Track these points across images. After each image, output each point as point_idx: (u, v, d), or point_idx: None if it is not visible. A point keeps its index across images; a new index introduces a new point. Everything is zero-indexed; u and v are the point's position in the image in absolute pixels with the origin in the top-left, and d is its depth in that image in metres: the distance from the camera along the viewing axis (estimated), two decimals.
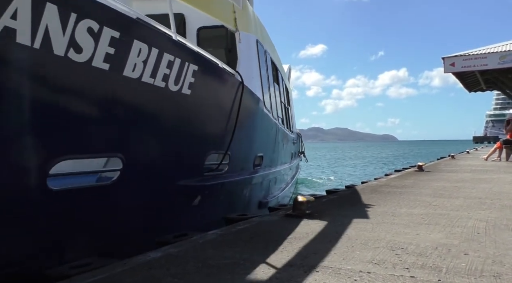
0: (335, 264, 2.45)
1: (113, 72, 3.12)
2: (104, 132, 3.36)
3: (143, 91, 3.51)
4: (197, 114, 4.49)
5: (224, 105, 5.05)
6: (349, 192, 6.15)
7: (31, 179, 2.88)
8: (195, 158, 4.70)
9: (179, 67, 3.79)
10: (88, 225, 3.42)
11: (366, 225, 3.58)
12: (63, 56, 2.76)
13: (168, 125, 4.04)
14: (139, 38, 3.27)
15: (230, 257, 2.63)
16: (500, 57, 11.62)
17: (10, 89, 2.59)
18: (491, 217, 3.89)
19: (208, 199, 5.05)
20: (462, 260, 2.50)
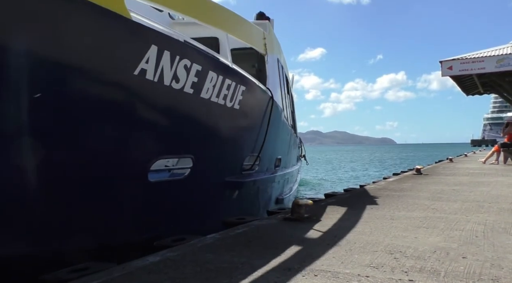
0: (333, 268, 2.45)
1: (195, 95, 4.16)
2: (185, 139, 4.44)
3: (211, 107, 4.53)
4: (242, 124, 5.62)
5: (259, 116, 6.15)
6: (348, 195, 6.15)
7: (143, 173, 3.96)
8: (238, 159, 5.79)
9: (233, 88, 4.84)
10: (171, 207, 4.47)
11: (365, 229, 3.58)
12: (168, 85, 3.75)
13: (224, 133, 5.15)
14: (212, 69, 4.28)
15: (228, 261, 2.62)
16: (497, 60, 11.67)
17: (142, 110, 3.74)
18: (489, 220, 3.89)
19: (243, 193, 6.06)
20: (460, 263, 2.50)
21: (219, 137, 5.08)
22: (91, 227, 3.58)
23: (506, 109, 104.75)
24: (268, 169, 7.47)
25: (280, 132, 7.94)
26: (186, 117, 4.32)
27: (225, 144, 5.28)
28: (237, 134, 5.66)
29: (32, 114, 2.91)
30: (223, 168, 5.44)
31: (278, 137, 7.88)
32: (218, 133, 5.05)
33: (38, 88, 2.87)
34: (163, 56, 3.59)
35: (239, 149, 5.82)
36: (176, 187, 4.52)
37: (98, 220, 3.61)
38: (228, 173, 5.57)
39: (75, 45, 2.99)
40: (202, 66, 4.10)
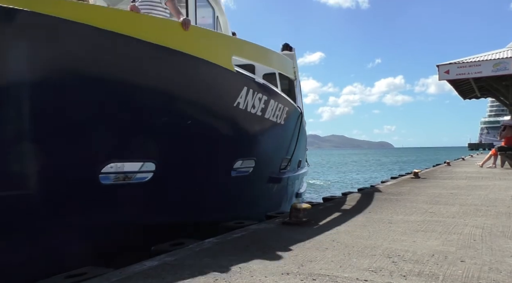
0: (332, 272, 2.44)
1: (262, 116, 5.82)
2: (252, 146, 6.06)
3: (269, 124, 6.23)
4: (283, 135, 7.35)
5: (293, 127, 7.85)
6: (346, 199, 6.15)
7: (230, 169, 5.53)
8: (279, 161, 7.47)
9: (282, 109, 6.55)
10: (241, 194, 6.03)
11: (363, 233, 3.58)
12: (249, 111, 5.38)
13: (273, 141, 6.96)
14: (272, 97, 6.00)
15: (226, 266, 2.61)
16: (493, 64, 11.72)
17: (235, 127, 5.41)
18: (487, 224, 3.90)
19: (279, 187, 7.92)
20: (458, 267, 2.50)
21: (271, 144, 6.92)
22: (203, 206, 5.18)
23: (503, 113, 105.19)
24: (294, 169, 9.27)
25: (303, 138, 9.74)
26: (255, 131, 6.05)
27: (273, 149, 7.16)
28: (280, 141, 7.42)
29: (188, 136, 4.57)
30: (270, 167, 7.12)
31: (301, 143, 9.56)
32: (271, 141, 6.85)
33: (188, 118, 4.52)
34: (249, 93, 5.29)
35: (280, 153, 7.55)
36: (244, 180, 6.06)
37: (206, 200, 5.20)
38: (272, 171, 7.28)
39: (209, 90, 4.69)
40: (267, 96, 5.82)
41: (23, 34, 3.00)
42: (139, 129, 4.03)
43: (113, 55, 3.54)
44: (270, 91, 6.06)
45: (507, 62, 11.58)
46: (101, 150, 3.67)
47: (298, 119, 8.00)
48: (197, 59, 4.37)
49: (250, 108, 5.46)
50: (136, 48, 3.67)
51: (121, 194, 4.04)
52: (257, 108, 5.66)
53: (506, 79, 12.68)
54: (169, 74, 4.12)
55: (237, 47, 5.59)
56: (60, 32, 3.15)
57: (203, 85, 4.62)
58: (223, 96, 4.97)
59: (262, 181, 6.85)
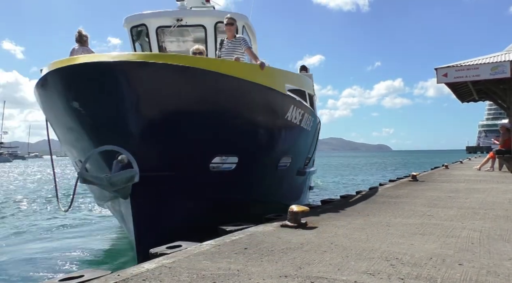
0: (330, 275, 2.44)
1: (299, 125, 7.67)
2: (291, 147, 7.95)
3: (303, 131, 8.15)
4: (308, 138, 9.27)
5: (314, 132, 9.85)
6: (344, 202, 6.15)
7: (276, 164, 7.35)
8: (304, 158, 9.56)
9: (311, 120, 8.60)
10: (281, 183, 8.14)
11: (361, 235, 3.58)
12: (293, 121, 7.20)
13: (303, 143, 8.89)
14: (305, 111, 7.86)
15: (225, 268, 2.61)
16: (491, 68, 11.75)
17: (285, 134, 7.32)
18: (485, 227, 3.90)
19: (302, 179, 10.15)
20: (456, 270, 2.50)
21: (301, 146, 8.87)
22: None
23: (500, 116, 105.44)
24: (310, 166, 11.21)
25: (317, 142, 11.70)
26: (294, 135, 7.92)
27: (302, 149, 9.10)
28: (306, 143, 9.37)
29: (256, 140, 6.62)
30: (299, 163, 8.99)
31: (317, 143, 11.50)
32: (301, 143, 8.77)
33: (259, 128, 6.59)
34: (294, 109, 7.17)
35: (305, 152, 9.56)
36: (284, 172, 7.92)
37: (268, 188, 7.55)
38: (300, 167, 9.18)
39: (272, 108, 6.64)
40: (303, 111, 7.71)
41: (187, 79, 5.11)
42: (232, 136, 6.00)
43: (226, 88, 5.56)
44: (304, 107, 8.06)
45: (505, 65, 11.61)
46: (212, 149, 5.78)
47: (317, 126, 10.38)
48: (268, 88, 6.34)
49: (293, 119, 7.35)
50: (237, 83, 5.68)
51: (219, 177, 6.09)
52: (297, 119, 7.55)
53: (504, 82, 12.71)
54: (253, 98, 6.10)
55: (287, 78, 7.84)
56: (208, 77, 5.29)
57: (270, 105, 6.62)
58: (280, 112, 6.87)
59: (294, 173, 8.86)
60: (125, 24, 10.09)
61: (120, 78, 4.67)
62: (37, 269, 6.57)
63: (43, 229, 10.20)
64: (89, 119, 4.94)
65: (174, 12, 9.93)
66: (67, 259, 7.03)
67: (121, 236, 8.66)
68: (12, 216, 13.02)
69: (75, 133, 5.40)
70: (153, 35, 9.78)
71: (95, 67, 4.70)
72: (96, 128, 4.98)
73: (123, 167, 4.76)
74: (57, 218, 12.21)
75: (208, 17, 9.88)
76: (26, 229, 10.40)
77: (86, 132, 5.13)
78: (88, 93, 4.77)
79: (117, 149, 4.77)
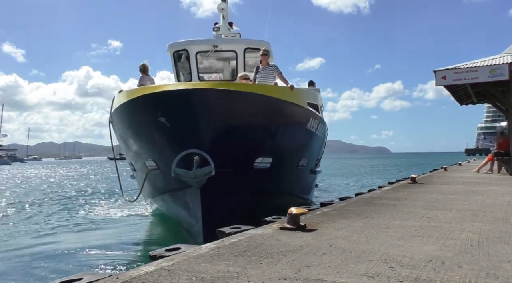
0: (329, 277, 2.44)
1: (315, 132, 9.66)
2: (308, 149, 10.01)
3: (317, 137, 10.21)
4: (320, 142, 11.21)
5: (323, 137, 11.68)
6: (343, 204, 6.15)
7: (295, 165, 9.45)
8: (316, 159, 11.56)
9: (323, 127, 10.71)
10: (299, 179, 10.55)
11: (360, 238, 3.57)
12: (311, 130, 9.25)
13: (316, 146, 10.82)
14: (319, 121, 9.85)
15: (224, 271, 2.60)
16: (490, 70, 11.77)
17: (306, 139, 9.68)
18: (484, 230, 3.90)
19: (313, 178, 12.42)
20: (456, 273, 2.50)
21: (314, 149, 10.87)
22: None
23: (499, 118, 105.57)
24: (319, 166, 13.09)
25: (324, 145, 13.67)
26: (311, 141, 9.81)
27: (315, 152, 11.19)
28: (318, 147, 11.47)
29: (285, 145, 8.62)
30: (312, 163, 11.07)
31: (324, 145, 13.25)
32: (314, 147, 10.76)
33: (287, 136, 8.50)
34: (312, 120, 8.99)
35: (317, 154, 11.66)
36: (302, 171, 10.03)
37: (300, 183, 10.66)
38: (312, 166, 11.23)
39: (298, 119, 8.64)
40: (318, 121, 9.68)
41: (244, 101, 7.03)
42: (270, 141, 8.01)
43: (270, 106, 7.38)
44: (318, 117, 9.99)
45: (503, 68, 11.64)
46: (256, 152, 7.72)
47: (325, 132, 12.32)
48: (296, 105, 8.25)
49: (311, 128, 9.25)
50: (277, 102, 7.47)
51: (259, 173, 7.84)
52: (314, 128, 9.49)
53: (503, 84, 12.73)
54: (287, 113, 8.01)
55: (307, 95, 10.02)
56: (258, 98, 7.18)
57: (297, 117, 8.62)
58: (303, 122, 8.81)
59: (308, 172, 10.97)
60: (169, 49, 12.56)
61: (197, 101, 6.45)
62: (47, 268, 6.58)
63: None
64: (173, 130, 6.68)
65: (211, 40, 12.64)
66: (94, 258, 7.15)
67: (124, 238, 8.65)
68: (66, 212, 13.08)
69: (156, 141, 7.19)
70: (193, 58, 12.17)
71: (180, 92, 6.57)
72: (178, 136, 6.71)
73: (199, 165, 6.52)
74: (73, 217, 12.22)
75: (238, 44, 12.40)
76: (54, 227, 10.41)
77: (168, 140, 6.91)
78: (173, 111, 6.56)
79: (198, 152, 6.53)
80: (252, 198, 7.81)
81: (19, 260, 7.32)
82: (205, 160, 6.51)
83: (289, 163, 9.06)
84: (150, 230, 10.58)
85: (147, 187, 9.27)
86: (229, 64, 13.45)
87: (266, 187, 8.28)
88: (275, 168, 8.05)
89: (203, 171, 6.49)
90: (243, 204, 7.48)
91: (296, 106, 8.26)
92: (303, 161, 9.72)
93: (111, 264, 6.64)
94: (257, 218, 4.91)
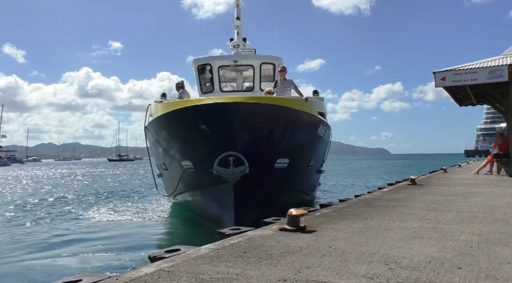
0: (328, 279, 2.44)
1: (323, 137, 11.51)
2: (316, 151, 11.83)
3: (324, 140, 12.15)
4: (325, 144, 12.92)
5: (329, 141, 13.45)
6: (343, 205, 6.15)
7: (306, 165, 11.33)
8: (321, 160, 13.26)
9: (327, 131, 11.90)
10: (309, 178, 12.50)
11: (360, 239, 3.57)
12: (320, 135, 11.12)
13: (322, 148, 12.64)
14: (326, 127, 11.78)
15: (223, 272, 2.60)
16: (489, 72, 11.79)
17: (316, 142, 11.30)
18: (483, 231, 3.91)
19: (318, 177, 14.26)
20: (455, 274, 2.50)
21: (321, 151, 12.42)
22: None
23: (498, 120, 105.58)
24: (323, 166, 14.52)
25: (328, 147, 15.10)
26: (319, 144, 11.22)
27: (322, 153, 12.76)
28: (324, 149, 13.07)
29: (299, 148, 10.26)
30: (318, 164, 12.70)
31: (328, 147, 14.68)
32: (321, 149, 12.27)
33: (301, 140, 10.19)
34: (322, 126, 10.74)
35: (322, 156, 13.28)
36: (311, 170, 11.57)
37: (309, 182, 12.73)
38: (318, 166, 12.89)
39: (311, 126, 10.34)
40: (326, 127, 11.35)
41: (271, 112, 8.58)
42: (288, 145, 9.31)
43: (290, 115, 8.98)
44: (326, 124, 11.62)
45: (502, 69, 11.65)
46: (277, 154, 9.07)
47: (330, 136, 13.65)
48: (309, 114, 9.87)
49: (320, 133, 10.86)
50: (295, 112, 9.09)
51: (278, 172, 9.26)
52: (322, 133, 11.09)
53: (502, 86, 12.75)
54: (303, 121, 9.55)
55: (317, 105, 11.60)
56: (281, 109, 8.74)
57: (311, 124, 10.15)
58: (314, 128, 10.39)
59: (315, 172, 12.84)
60: (194, 63, 14.89)
61: (233, 112, 7.84)
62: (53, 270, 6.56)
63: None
64: (212, 136, 8.08)
65: (232, 56, 15.07)
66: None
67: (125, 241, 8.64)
68: None
69: (196, 145, 8.67)
70: (216, 71, 14.39)
71: (219, 105, 7.98)
72: (217, 141, 8.08)
73: (234, 164, 7.88)
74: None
75: (255, 59, 14.79)
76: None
77: (208, 144, 8.29)
78: (213, 120, 7.98)
79: (235, 153, 7.95)
80: (272, 193, 9.29)
81: (18, 262, 7.31)
82: (239, 160, 7.92)
83: (302, 164, 10.74)
84: (149, 231, 10.57)
85: (174, 184, 10.76)
86: (241, 75, 15.91)
87: (283, 184, 9.85)
88: (291, 168, 9.60)
89: (239, 169, 7.93)
90: (265, 198, 8.88)
91: (310, 115, 9.99)
92: (312, 162, 11.50)
93: (111, 266, 6.63)
94: (274, 212, 5.80)
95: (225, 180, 8.12)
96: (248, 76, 15.49)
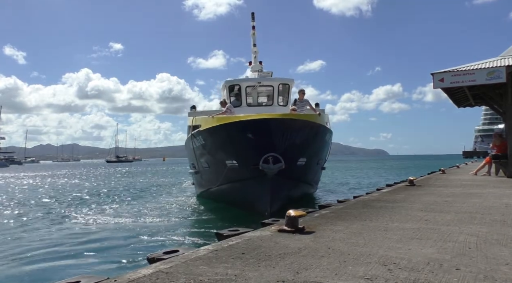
0: (327, 280, 2.43)
1: (327, 141, 15.74)
2: (323, 152, 15.88)
3: (328, 144, 16.41)
4: (327, 146, 16.44)
5: (330, 141, 16.49)
6: (341, 206, 6.15)
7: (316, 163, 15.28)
8: (324, 159, 16.80)
9: (330, 135, 15.61)
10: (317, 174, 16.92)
11: (358, 240, 3.57)
12: (326, 140, 15.16)
13: (326, 149, 16.38)
14: (330, 133, 15.79)
15: (222, 273, 2.60)
16: (487, 73, 11.82)
17: (322, 146, 15.10)
18: (482, 232, 3.91)
19: (321, 173, 18.40)
20: (454, 275, 2.51)
21: (325, 151, 16.09)
22: None
23: (497, 121, 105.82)
24: (322, 164, 17.13)
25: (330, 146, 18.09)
26: (324, 147, 15.45)
27: (325, 153, 16.27)
28: (327, 150, 16.47)
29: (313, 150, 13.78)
30: (322, 162, 16.14)
31: (330, 148, 17.78)
32: (326, 150, 16.07)
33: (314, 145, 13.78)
34: (328, 133, 14.86)
35: (325, 155, 16.58)
36: (317, 167, 15.65)
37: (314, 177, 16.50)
38: (322, 164, 16.52)
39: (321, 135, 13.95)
40: (330, 134, 15.26)
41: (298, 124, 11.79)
42: (307, 148, 12.49)
43: (311, 127, 12.34)
44: (330, 131, 14.75)
45: (500, 70, 11.68)
46: (299, 155, 12.23)
47: (331, 137, 16.23)
48: (320, 125, 13.02)
49: (327, 138, 14.25)
50: (314, 124, 12.45)
51: (299, 168, 12.38)
52: (328, 138, 14.41)
53: (500, 87, 12.78)
54: (319, 131, 12.87)
55: (324, 117, 15.14)
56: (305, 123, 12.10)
57: (323, 133, 13.47)
58: (323, 135, 13.66)
59: (320, 168, 16.46)
60: (224, 84, 18.41)
61: (273, 125, 10.78)
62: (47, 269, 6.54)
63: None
64: (256, 142, 10.98)
65: (256, 78, 18.80)
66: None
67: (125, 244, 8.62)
68: None
69: (242, 148, 11.44)
70: (244, 90, 17.93)
71: (261, 120, 10.85)
72: (261, 146, 10.95)
73: (273, 162, 10.76)
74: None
75: (275, 81, 18.40)
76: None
77: (254, 147, 11.07)
78: (257, 130, 10.89)
79: (275, 154, 10.80)
80: (293, 184, 12.59)
81: (17, 264, 7.29)
82: (277, 159, 10.82)
83: (313, 162, 14.02)
84: (148, 233, 10.56)
85: (217, 179, 13.65)
86: (262, 92, 19.54)
87: (301, 177, 13.36)
88: (306, 165, 12.84)
89: (278, 166, 10.83)
90: (289, 187, 12.04)
91: (322, 126, 13.26)
92: (319, 161, 15.20)
93: (109, 267, 6.62)
94: (292, 200, 10.73)
95: (264, 174, 10.91)
96: (267, 93, 19.12)
